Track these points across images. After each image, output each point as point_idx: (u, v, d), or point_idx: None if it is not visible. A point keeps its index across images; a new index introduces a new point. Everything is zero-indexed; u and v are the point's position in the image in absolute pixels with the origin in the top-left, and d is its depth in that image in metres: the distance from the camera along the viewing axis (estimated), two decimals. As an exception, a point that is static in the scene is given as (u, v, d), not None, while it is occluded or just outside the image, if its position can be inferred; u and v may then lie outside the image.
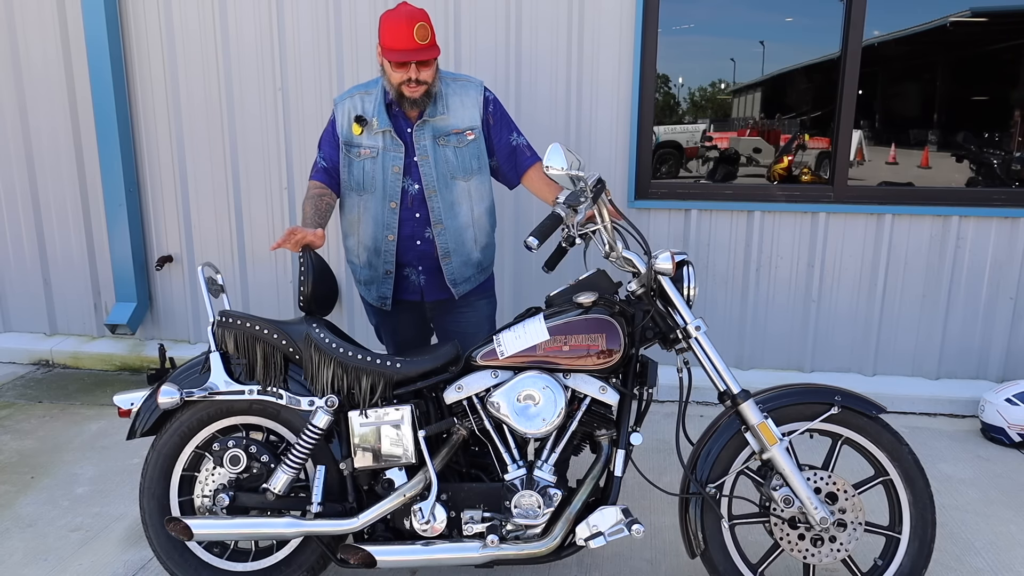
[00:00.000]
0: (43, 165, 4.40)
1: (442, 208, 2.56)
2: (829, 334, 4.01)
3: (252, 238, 4.29)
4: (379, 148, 2.53)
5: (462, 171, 2.57)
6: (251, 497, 2.20)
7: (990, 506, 2.93)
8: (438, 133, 2.53)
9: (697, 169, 4.29)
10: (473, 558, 2.10)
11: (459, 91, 2.56)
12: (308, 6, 3.96)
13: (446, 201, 2.56)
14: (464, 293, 2.69)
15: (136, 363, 4.42)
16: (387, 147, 2.53)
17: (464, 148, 2.56)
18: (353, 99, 2.57)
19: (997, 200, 3.80)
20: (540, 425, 2.05)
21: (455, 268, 2.63)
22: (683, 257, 2.13)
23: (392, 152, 2.52)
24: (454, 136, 2.54)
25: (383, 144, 2.53)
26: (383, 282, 2.65)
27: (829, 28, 3.82)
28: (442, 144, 2.53)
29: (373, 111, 2.53)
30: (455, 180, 2.57)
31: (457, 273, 2.64)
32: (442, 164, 2.54)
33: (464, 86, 2.58)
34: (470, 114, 2.56)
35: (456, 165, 2.56)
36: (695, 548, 2.16)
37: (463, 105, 2.55)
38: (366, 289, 2.72)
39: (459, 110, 2.55)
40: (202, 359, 2.24)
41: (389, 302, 2.67)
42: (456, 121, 2.54)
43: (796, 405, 2.13)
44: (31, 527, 2.76)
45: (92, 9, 3.99)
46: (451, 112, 2.54)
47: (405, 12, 2.37)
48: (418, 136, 2.52)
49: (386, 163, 2.53)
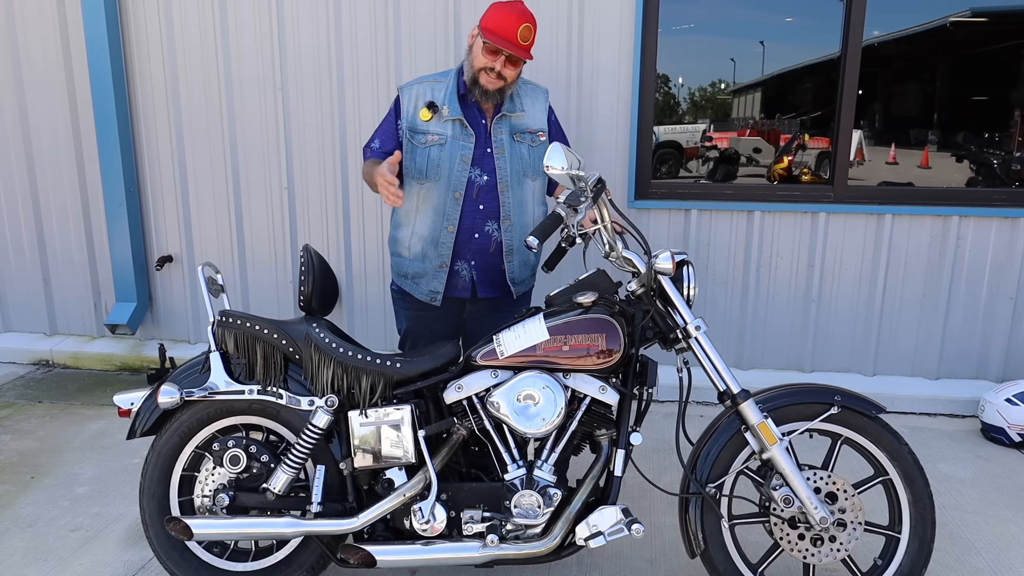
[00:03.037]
0: (43, 165, 4.40)
1: (512, 204, 2.56)
2: (829, 334, 4.01)
3: (252, 238, 4.29)
4: (447, 136, 2.50)
5: (533, 170, 2.60)
6: (251, 497, 2.20)
7: (990, 506, 2.93)
8: (515, 129, 2.55)
9: (697, 169, 4.30)
10: (473, 558, 2.10)
11: (531, 93, 2.61)
12: (308, 6, 3.96)
13: (517, 198, 2.57)
14: (520, 294, 2.71)
15: (136, 363, 4.42)
16: (456, 135, 2.50)
17: (536, 148, 2.59)
18: (423, 85, 2.56)
19: (997, 200, 3.80)
20: (540, 425, 2.05)
21: (516, 267, 2.63)
22: (683, 257, 2.13)
23: (462, 141, 2.51)
24: (529, 135, 2.58)
25: (452, 132, 2.50)
26: (436, 275, 2.59)
27: (829, 28, 3.82)
28: (518, 140, 2.56)
29: (444, 98, 2.52)
30: (526, 178, 2.59)
31: (517, 272, 2.65)
32: (517, 160, 2.56)
33: (535, 90, 2.63)
34: (540, 116, 2.61)
35: (529, 163, 2.59)
36: (695, 548, 2.16)
37: (535, 107, 2.61)
38: (413, 284, 2.64)
39: (532, 111, 2.59)
40: (202, 359, 2.24)
41: (440, 297, 2.61)
42: (530, 121, 2.59)
43: (796, 405, 2.14)
44: (31, 527, 2.76)
45: (92, 9, 3.99)
46: (526, 111, 2.58)
47: (519, 8, 2.41)
48: (496, 129, 2.53)
49: (454, 151, 2.50)
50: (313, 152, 4.10)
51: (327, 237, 4.20)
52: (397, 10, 3.88)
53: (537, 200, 2.67)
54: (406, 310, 2.73)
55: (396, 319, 2.80)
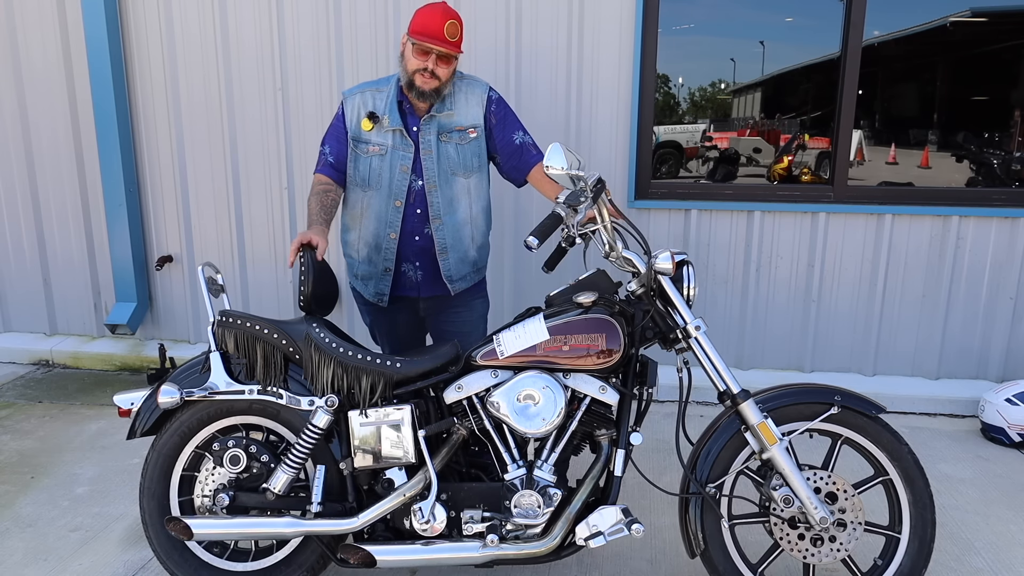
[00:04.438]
0: (43, 165, 4.40)
1: (441, 203, 2.58)
2: (829, 334, 4.01)
3: (252, 238, 4.29)
4: (388, 146, 2.55)
5: (463, 168, 2.60)
6: (251, 497, 2.20)
7: (990, 506, 2.93)
8: (442, 129, 2.56)
9: (697, 169, 4.29)
10: (473, 558, 2.09)
11: (464, 88, 2.61)
12: (308, 6, 3.96)
13: (446, 197, 2.59)
14: (460, 291, 2.71)
15: (136, 363, 4.42)
16: (396, 145, 2.55)
17: (466, 145, 2.59)
18: (364, 95, 2.59)
19: (997, 200, 3.80)
20: (540, 425, 2.05)
21: (452, 264, 2.64)
22: (683, 257, 2.13)
23: (401, 151, 2.55)
24: (456, 133, 2.58)
25: (392, 142, 2.55)
26: (381, 279, 2.66)
27: (829, 28, 3.82)
28: (444, 140, 2.57)
29: (385, 108, 2.55)
30: (455, 176, 2.60)
31: (454, 270, 2.66)
32: (444, 160, 2.57)
33: (470, 84, 2.63)
34: (473, 112, 2.60)
35: (457, 161, 2.59)
36: (695, 548, 2.16)
37: (467, 103, 2.60)
38: (363, 284, 2.73)
39: (463, 108, 2.59)
40: (202, 359, 2.24)
41: (386, 298, 2.68)
42: (460, 118, 2.58)
43: (796, 405, 2.13)
44: (31, 527, 2.76)
45: (92, 9, 3.99)
46: (456, 109, 2.58)
47: (442, 7, 2.44)
48: (424, 130, 2.55)
49: (394, 161, 2.55)
50: (313, 152, 4.10)
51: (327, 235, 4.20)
52: (397, 9, 3.88)
53: (475, 196, 2.65)
54: (363, 307, 2.81)
55: (361, 315, 2.87)
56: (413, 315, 2.78)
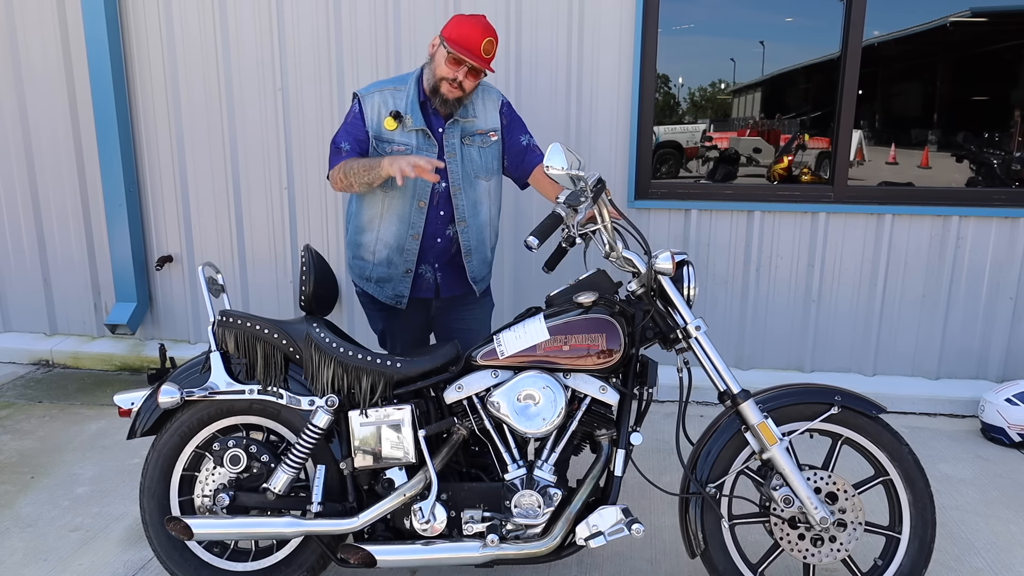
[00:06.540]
0: (43, 165, 4.40)
1: (466, 206, 2.61)
2: (829, 334, 4.01)
3: (252, 238, 4.29)
4: (412, 146, 2.54)
5: (484, 171, 2.64)
6: (251, 497, 2.20)
7: (990, 506, 2.93)
8: (465, 133, 2.59)
9: (697, 169, 4.29)
10: (473, 558, 2.10)
11: (482, 95, 2.64)
12: (308, 6, 3.96)
13: (470, 199, 2.61)
14: (482, 291, 2.77)
15: (136, 363, 4.42)
16: (420, 146, 2.54)
17: (487, 149, 2.63)
18: (383, 93, 2.57)
19: (997, 200, 3.80)
20: (540, 425, 2.05)
21: (475, 266, 2.68)
22: (683, 257, 2.13)
23: (425, 151, 2.54)
24: (479, 136, 2.61)
25: (416, 143, 2.54)
26: (401, 280, 2.64)
27: (829, 28, 3.83)
28: (467, 144, 2.59)
29: (407, 108, 2.54)
30: (478, 179, 2.63)
31: (477, 271, 2.70)
32: (468, 163, 2.60)
33: (487, 90, 2.66)
34: (492, 116, 2.64)
35: (480, 165, 2.62)
36: (695, 548, 2.16)
37: (486, 108, 2.64)
38: (378, 287, 2.69)
39: (483, 113, 2.63)
40: (202, 359, 2.24)
41: (405, 300, 2.67)
42: (481, 123, 2.62)
43: (796, 405, 2.14)
44: (31, 527, 2.76)
45: (92, 9, 3.99)
46: (477, 114, 2.61)
47: (483, 23, 2.45)
48: (449, 134, 2.56)
49: None
50: (313, 152, 4.10)
51: (327, 237, 4.21)
52: (397, 9, 3.88)
53: (494, 199, 2.70)
54: (375, 311, 2.78)
55: (369, 320, 2.84)
56: (424, 316, 2.79)
